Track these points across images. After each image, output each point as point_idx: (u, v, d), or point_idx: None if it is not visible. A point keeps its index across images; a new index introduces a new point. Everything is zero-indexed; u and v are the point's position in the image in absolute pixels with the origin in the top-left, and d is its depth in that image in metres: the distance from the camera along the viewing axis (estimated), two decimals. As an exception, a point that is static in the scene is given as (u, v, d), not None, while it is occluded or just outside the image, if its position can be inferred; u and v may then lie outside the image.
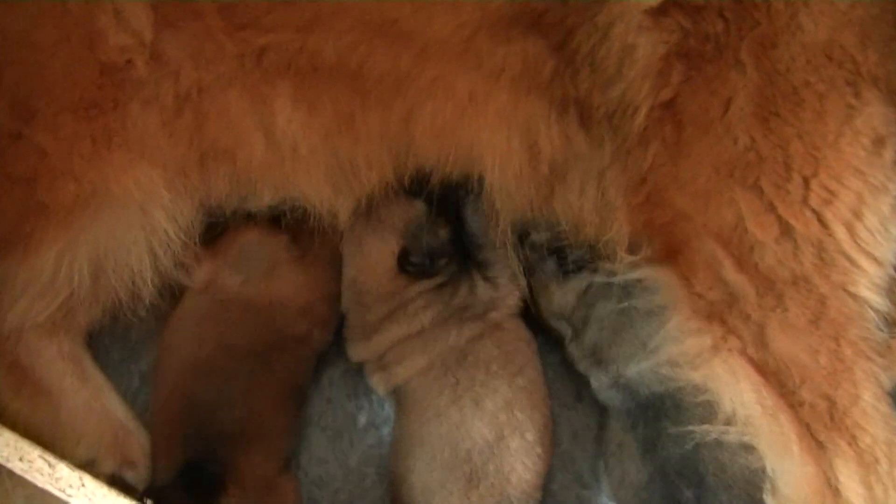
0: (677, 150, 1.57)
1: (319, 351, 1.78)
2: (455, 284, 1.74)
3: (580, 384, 1.77)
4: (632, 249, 1.63)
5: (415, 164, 1.69)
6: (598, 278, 1.70)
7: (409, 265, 1.72)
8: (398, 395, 1.74)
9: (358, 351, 1.76)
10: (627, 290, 1.66)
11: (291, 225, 1.76)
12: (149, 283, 1.66)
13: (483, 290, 1.75)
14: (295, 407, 1.74)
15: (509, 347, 1.72)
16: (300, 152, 1.66)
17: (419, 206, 1.74)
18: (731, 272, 1.53)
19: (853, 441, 1.49)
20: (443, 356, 1.70)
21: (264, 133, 1.64)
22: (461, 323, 1.72)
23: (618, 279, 1.66)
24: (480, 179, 1.69)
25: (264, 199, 1.71)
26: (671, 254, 1.59)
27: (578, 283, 1.72)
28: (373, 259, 1.75)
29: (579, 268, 1.72)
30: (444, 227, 1.75)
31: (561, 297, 1.74)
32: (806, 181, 1.51)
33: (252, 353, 1.69)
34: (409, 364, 1.71)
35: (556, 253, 1.73)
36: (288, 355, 1.73)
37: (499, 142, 1.65)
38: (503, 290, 1.77)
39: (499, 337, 1.72)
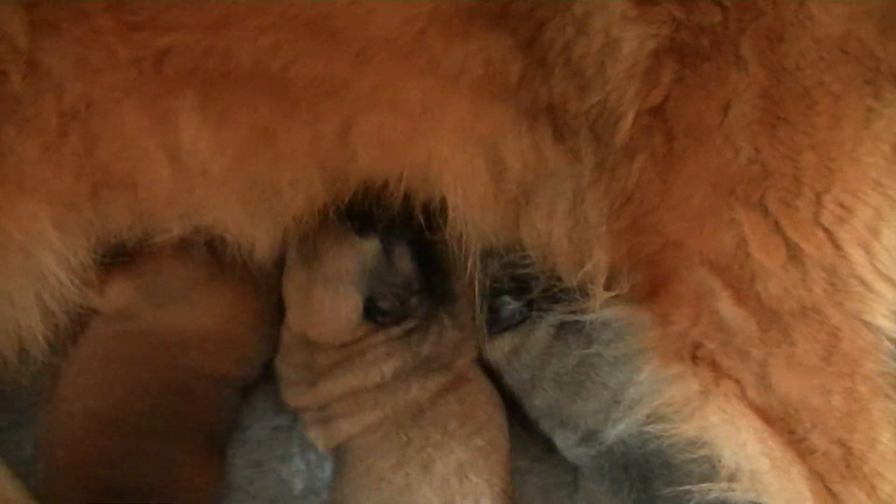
0: (668, 164, 1.43)
1: (241, 388, 1.66)
2: (425, 329, 1.60)
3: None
4: (609, 285, 1.51)
5: (357, 184, 1.53)
6: (538, 333, 1.60)
7: (381, 315, 1.57)
8: (339, 453, 1.59)
9: (297, 397, 1.61)
10: (589, 337, 1.56)
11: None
12: (39, 338, 1.51)
13: (450, 332, 1.62)
14: (216, 455, 1.62)
15: (471, 402, 1.61)
16: (211, 174, 1.49)
17: (371, 246, 1.58)
18: (728, 305, 1.40)
19: (872, 491, 1.38)
20: (397, 412, 1.56)
21: (168, 154, 1.47)
22: (426, 375, 1.58)
23: (573, 319, 1.55)
24: (443, 201, 1.54)
25: (174, 230, 1.55)
26: (653, 289, 1.46)
27: (503, 344, 1.62)
28: (330, 315, 1.59)
29: (510, 325, 1.61)
30: (405, 258, 1.59)
31: (492, 352, 1.64)
32: (818, 197, 1.39)
33: (165, 395, 1.57)
34: (357, 420, 1.58)
35: (493, 296, 1.62)
36: (205, 396, 1.60)
37: (458, 160, 1.50)
38: (467, 328, 1.64)
39: (463, 391, 1.61)
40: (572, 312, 1.55)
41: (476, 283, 1.63)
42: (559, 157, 1.49)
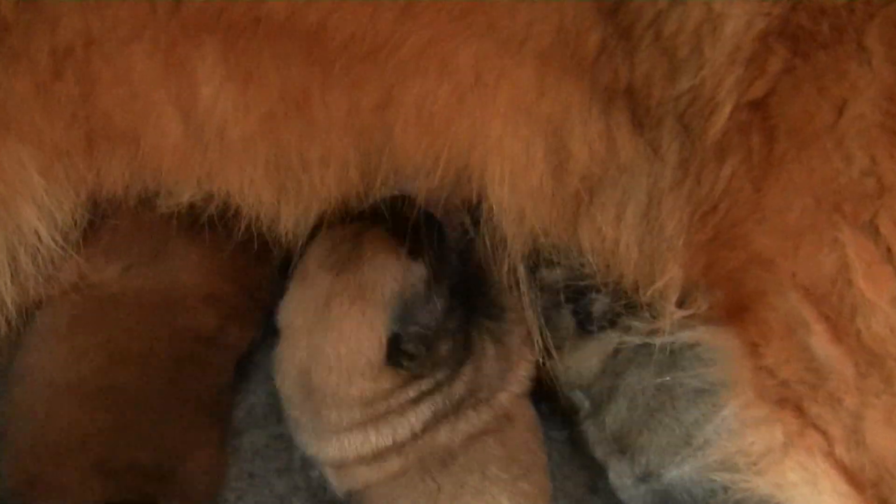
0: (765, 170, 1.29)
1: (240, 353, 1.55)
2: (456, 370, 1.43)
3: (594, 471, 1.52)
4: (682, 302, 1.39)
5: (390, 167, 1.40)
6: (632, 338, 1.45)
7: (406, 359, 1.38)
8: (355, 498, 1.44)
9: (310, 447, 1.44)
10: (672, 358, 1.42)
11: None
12: (7, 303, 1.41)
13: (492, 360, 1.45)
14: (219, 433, 1.52)
15: (516, 443, 1.44)
16: (230, 138, 1.39)
17: (418, 271, 1.40)
18: (821, 341, 1.27)
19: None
20: (423, 458, 1.40)
21: (181, 109, 1.38)
22: (458, 416, 1.41)
23: (659, 341, 1.41)
24: (481, 194, 1.40)
25: (182, 194, 1.44)
26: (734, 311, 1.34)
27: (604, 343, 1.47)
28: (348, 346, 1.38)
29: (608, 322, 1.47)
30: (443, 294, 1.42)
31: (579, 360, 1.48)
32: (941, 221, 1.25)
33: (154, 360, 1.47)
34: (379, 467, 1.41)
35: (572, 300, 1.48)
36: (198, 361, 1.50)
37: (513, 142, 1.37)
38: (514, 355, 1.47)
39: (506, 433, 1.43)
40: (640, 333, 1.42)
41: (524, 295, 1.48)
42: (635, 150, 1.36)
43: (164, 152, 1.40)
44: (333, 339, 1.38)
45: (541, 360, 1.50)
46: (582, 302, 1.48)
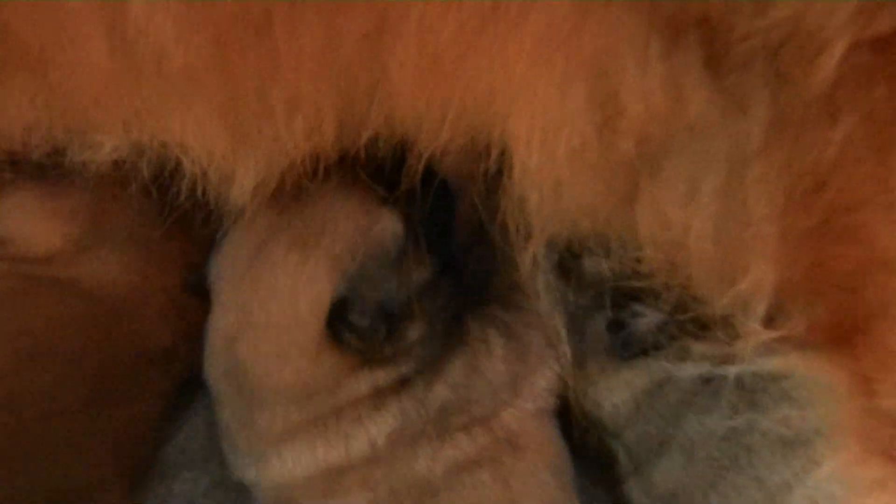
0: (894, 135, 1.03)
1: (181, 380, 1.32)
2: (438, 365, 1.13)
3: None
4: (771, 318, 1.11)
5: (380, 117, 1.13)
6: (690, 369, 1.18)
7: (348, 330, 1.09)
8: None
9: (248, 469, 1.15)
10: (750, 395, 1.16)
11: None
12: None
13: (498, 361, 1.14)
14: (130, 472, 1.28)
15: (526, 486, 1.11)
16: (171, 68, 1.11)
17: (390, 222, 1.13)
18: None
19: None
20: (395, 493, 1.10)
21: (105, 25, 1.11)
22: (443, 436, 1.11)
23: (734, 371, 1.15)
24: (503, 158, 1.12)
25: (104, 144, 1.17)
26: (844, 333, 1.09)
27: (640, 373, 1.19)
28: (280, 307, 1.11)
29: (651, 346, 1.18)
30: (426, 263, 1.14)
31: (612, 391, 1.20)
32: None
33: (79, 370, 1.24)
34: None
35: (617, 306, 1.20)
36: (137, 383, 1.27)
37: (544, 90, 1.09)
38: (533, 357, 1.16)
39: (510, 467, 1.11)
40: (706, 360, 1.15)
41: (551, 289, 1.19)
42: (710, 104, 1.07)
43: (83, 82, 1.15)
44: (263, 295, 1.11)
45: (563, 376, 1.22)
46: (621, 315, 1.19)
